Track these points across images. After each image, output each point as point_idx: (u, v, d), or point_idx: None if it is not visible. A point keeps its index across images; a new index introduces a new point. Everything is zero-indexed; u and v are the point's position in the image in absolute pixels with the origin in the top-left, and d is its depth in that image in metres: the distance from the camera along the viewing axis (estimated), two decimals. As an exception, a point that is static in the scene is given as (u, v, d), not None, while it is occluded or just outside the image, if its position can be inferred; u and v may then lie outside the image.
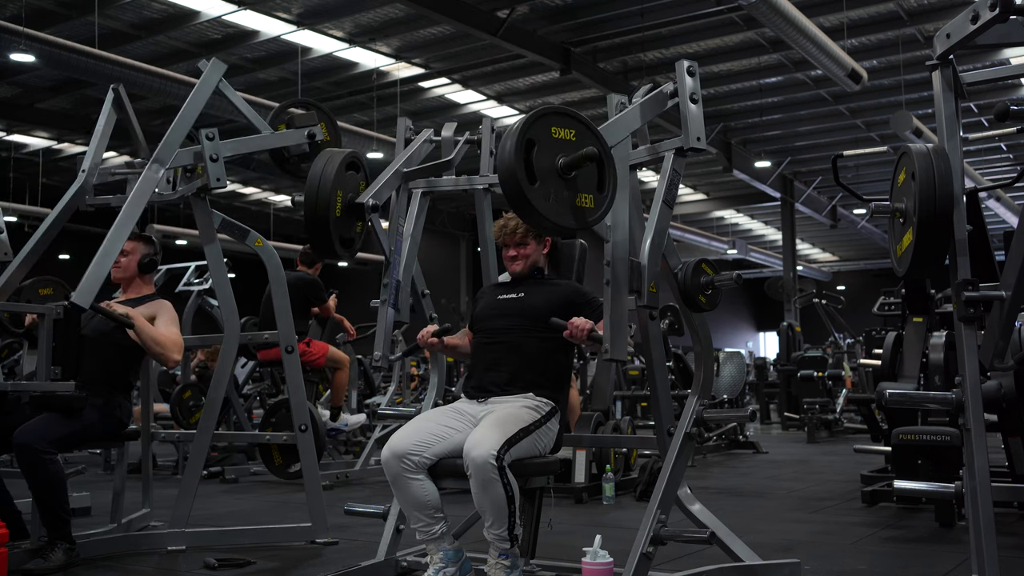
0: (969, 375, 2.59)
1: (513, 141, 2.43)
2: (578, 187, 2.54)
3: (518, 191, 2.42)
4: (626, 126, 2.84)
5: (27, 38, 9.91)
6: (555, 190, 2.49)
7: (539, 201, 2.45)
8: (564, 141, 2.54)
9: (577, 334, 2.81)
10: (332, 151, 3.28)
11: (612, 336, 2.66)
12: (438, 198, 18.91)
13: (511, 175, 2.41)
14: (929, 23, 12.29)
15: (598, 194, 2.58)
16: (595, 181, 2.58)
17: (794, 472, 7.08)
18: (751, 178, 18.88)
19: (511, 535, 2.77)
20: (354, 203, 3.20)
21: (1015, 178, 3.96)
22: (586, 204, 2.56)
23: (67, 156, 17.78)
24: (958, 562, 3.57)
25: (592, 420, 5.56)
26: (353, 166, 3.30)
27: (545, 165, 2.48)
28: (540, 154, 2.47)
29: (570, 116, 2.58)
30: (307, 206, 3.14)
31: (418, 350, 3.36)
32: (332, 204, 3.14)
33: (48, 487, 3.47)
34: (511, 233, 3.22)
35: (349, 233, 3.28)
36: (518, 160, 2.41)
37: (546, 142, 2.50)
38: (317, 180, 3.15)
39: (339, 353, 6.87)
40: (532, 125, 2.49)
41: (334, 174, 3.15)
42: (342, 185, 3.20)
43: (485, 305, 3.30)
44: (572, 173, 2.52)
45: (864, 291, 24.76)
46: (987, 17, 2.43)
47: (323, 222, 3.13)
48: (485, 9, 11.48)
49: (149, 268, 4.15)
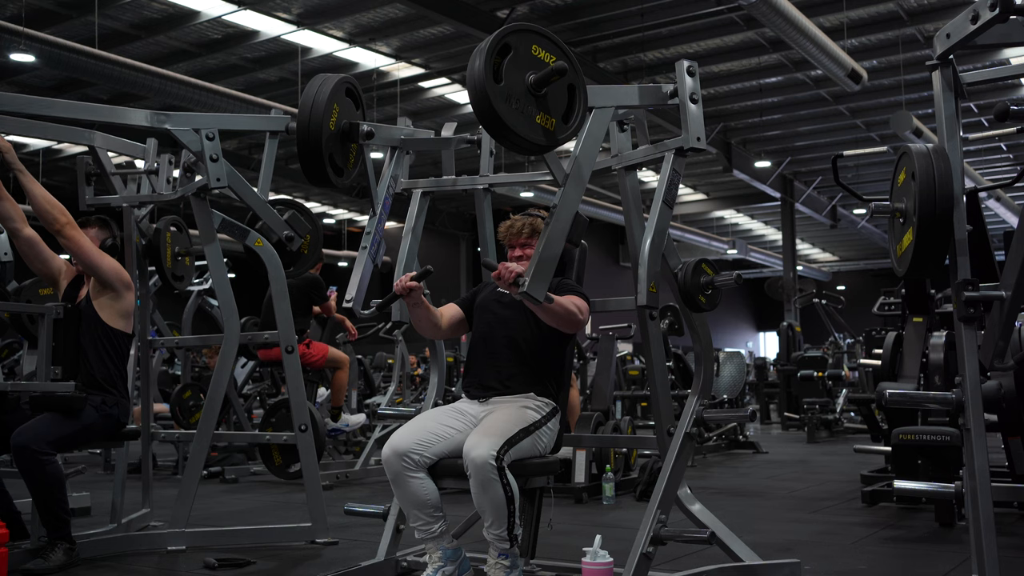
0: (969, 375, 2.59)
1: (489, 41, 2.41)
2: (547, 107, 2.50)
3: (482, 89, 2.38)
4: (616, 96, 2.82)
5: (27, 38, 9.91)
6: (521, 102, 2.46)
7: (503, 107, 2.41)
8: (542, 62, 2.51)
9: (504, 274, 2.68)
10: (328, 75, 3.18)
11: (534, 271, 2.59)
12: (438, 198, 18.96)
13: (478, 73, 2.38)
14: (929, 23, 12.29)
15: (562, 122, 2.55)
16: (564, 108, 2.56)
17: (794, 472, 7.08)
18: (751, 178, 18.88)
19: (511, 535, 2.77)
20: (350, 124, 3.11)
21: (1015, 178, 3.96)
22: (549, 126, 2.52)
23: (67, 156, 17.80)
24: (958, 562, 3.57)
25: (592, 420, 5.56)
26: (351, 93, 3.20)
27: (515, 76, 2.45)
28: (513, 64, 2.44)
29: (556, 44, 2.56)
30: (299, 121, 3.01)
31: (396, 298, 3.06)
32: (326, 119, 3.01)
33: (47, 488, 3.47)
34: (517, 233, 3.22)
35: (342, 158, 3.16)
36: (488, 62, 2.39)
37: (524, 55, 2.47)
38: (312, 94, 3.03)
39: (338, 353, 6.87)
40: (514, 33, 2.47)
41: (330, 91, 3.04)
42: (339, 103, 3.09)
43: (486, 296, 3.28)
44: (542, 90, 2.48)
45: (864, 291, 24.77)
46: (987, 17, 2.43)
47: (316, 137, 2.99)
48: (485, 9, 11.49)
49: (111, 253, 3.95)
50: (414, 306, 3.04)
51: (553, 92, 2.53)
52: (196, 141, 3.82)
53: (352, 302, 3.12)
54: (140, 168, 4.39)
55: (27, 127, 3.99)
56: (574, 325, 2.95)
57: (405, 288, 2.94)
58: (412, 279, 2.94)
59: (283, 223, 4.19)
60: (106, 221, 4.03)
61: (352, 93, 3.21)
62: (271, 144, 4.13)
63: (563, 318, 2.87)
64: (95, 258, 3.75)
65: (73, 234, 3.71)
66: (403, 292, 2.95)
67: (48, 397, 3.53)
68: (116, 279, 3.78)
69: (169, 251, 4.52)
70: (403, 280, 2.95)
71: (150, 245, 4.44)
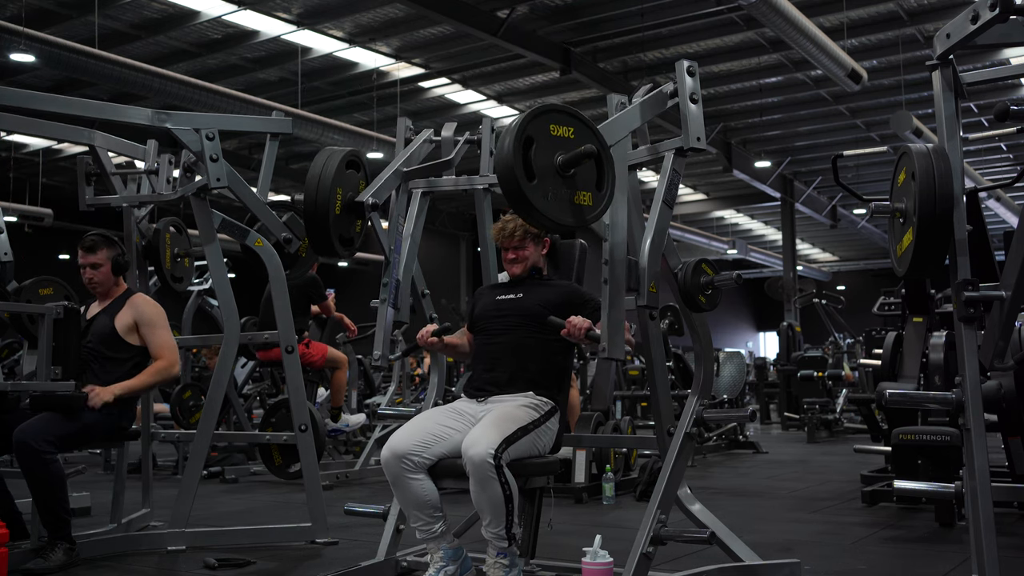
0: (969, 375, 2.59)
1: (511, 138, 2.42)
2: (577, 185, 2.53)
3: (516, 189, 2.42)
4: (625, 125, 2.84)
5: (27, 38, 9.90)
6: (553, 188, 2.48)
7: (537, 199, 2.44)
8: (562, 139, 2.53)
9: (575, 333, 2.80)
10: (332, 149, 3.27)
11: (610, 335, 2.67)
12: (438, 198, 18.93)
13: (509, 172, 2.41)
14: (929, 23, 12.29)
15: (596, 192, 2.58)
16: (594, 179, 2.58)
17: (794, 472, 7.08)
18: (751, 178, 18.88)
19: (509, 534, 2.77)
20: (354, 201, 3.18)
21: (1015, 178, 3.96)
22: (585, 202, 2.55)
23: (67, 156, 17.80)
24: (958, 562, 3.57)
25: (592, 420, 5.56)
26: (353, 164, 3.30)
27: (543, 163, 2.47)
28: (538, 152, 2.47)
29: (569, 114, 2.57)
30: (306, 204, 3.13)
31: (417, 349, 3.33)
32: (332, 202, 3.13)
33: (48, 487, 3.47)
34: (509, 236, 3.22)
35: (349, 232, 3.27)
36: (516, 157, 2.41)
37: (544, 140, 2.49)
38: (317, 178, 3.14)
39: (338, 353, 6.87)
40: (531, 122, 2.48)
41: (334, 172, 3.15)
42: (342, 183, 3.19)
43: (484, 305, 3.30)
44: (571, 171, 2.51)
45: (864, 291, 24.76)
46: (987, 17, 2.43)
47: (323, 220, 3.12)
48: (485, 9, 11.48)
49: (124, 268, 4.03)
50: (440, 351, 3.36)
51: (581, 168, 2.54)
52: (196, 141, 3.82)
53: (379, 359, 3.26)
54: (140, 168, 4.38)
55: (27, 125, 3.99)
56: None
57: (427, 344, 3.23)
58: (432, 335, 3.22)
59: (281, 225, 4.19)
60: (112, 240, 4.03)
61: (355, 164, 3.31)
62: (271, 145, 4.14)
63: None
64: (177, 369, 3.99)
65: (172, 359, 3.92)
66: (424, 346, 3.24)
67: (48, 397, 3.53)
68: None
69: (168, 252, 4.52)
70: (424, 336, 3.23)
71: (149, 246, 4.44)
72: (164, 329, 3.95)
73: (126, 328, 3.88)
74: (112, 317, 3.89)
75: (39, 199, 17.52)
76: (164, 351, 3.90)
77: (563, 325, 2.84)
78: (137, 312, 3.92)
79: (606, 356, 2.67)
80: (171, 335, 3.98)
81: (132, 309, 3.92)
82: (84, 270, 3.97)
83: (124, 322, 3.88)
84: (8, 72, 12.95)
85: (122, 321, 3.88)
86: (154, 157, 4.34)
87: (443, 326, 3.30)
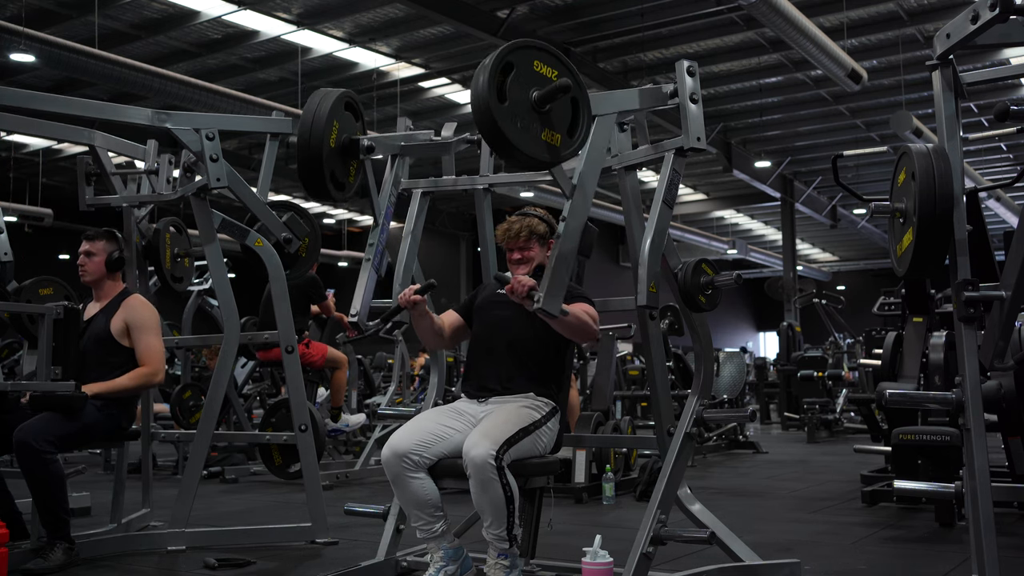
0: (969, 375, 2.59)
1: (491, 60, 2.41)
2: (550, 123, 2.50)
3: (487, 110, 2.38)
4: (617, 102, 2.82)
5: (27, 38, 9.91)
6: (524, 120, 2.46)
7: (507, 125, 2.41)
8: (544, 76, 2.50)
9: (517, 288, 2.69)
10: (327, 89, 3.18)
11: (547, 287, 2.60)
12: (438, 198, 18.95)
13: (483, 93, 2.38)
14: (929, 23, 12.29)
15: (567, 137, 2.55)
16: (567, 123, 2.55)
17: (794, 472, 7.08)
18: (751, 178, 18.88)
19: (510, 535, 2.77)
20: (351, 139, 3.11)
21: (1015, 178, 3.96)
22: (554, 142, 2.52)
23: (67, 156, 17.80)
24: (958, 562, 3.57)
25: (592, 420, 5.56)
26: (350, 107, 3.21)
27: (519, 94, 2.45)
28: (516, 81, 2.44)
29: (557, 57, 2.56)
30: (300, 135, 3.01)
31: (399, 312, 3.09)
32: (327, 135, 3.02)
33: (48, 487, 3.47)
34: (515, 236, 3.20)
35: (342, 173, 3.16)
36: (492, 80, 2.38)
37: (525, 72, 2.47)
38: (312, 112, 3.04)
39: (338, 353, 6.87)
40: (515, 51, 2.46)
41: (330, 107, 3.05)
42: (339, 118, 3.10)
43: (485, 298, 3.28)
44: (546, 107, 2.48)
45: (864, 291, 24.77)
46: (987, 17, 2.43)
47: (316, 154, 2.99)
48: (485, 9, 11.48)
49: (118, 265, 4.01)
50: (418, 317, 3.08)
51: (557, 107, 2.53)
52: (196, 141, 3.82)
53: (357, 316, 3.14)
54: (140, 168, 4.38)
55: (27, 125, 3.99)
56: (587, 335, 2.92)
57: (409, 302, 2.98)
58: (416, 292, 2.97)
59: (281, 225, 4.19)
60: (113, 235, 4.04)
61: (352, 107, 3.21)
62: (271, 145, 4.13)
63: (577, 329, 2.86)
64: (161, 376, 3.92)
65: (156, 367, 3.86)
66: (407, 305, 2.99)
67: (48, 397, 3.53)
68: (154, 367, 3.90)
69: (168, 252, 4.52)
70: (407, 294, 2.99)
71: (149, 246, 4.44)
72: (153, 334, 3.90)
73: (120, 331, 3.86)
74: (108, 319, 3.88)
75: (39, 199, 17.53)
76: (149, 357, 3.85)
77: (508, 280, 2.75)
78: (129, 314, 3.89)
79: (539, 307, 2.60)
80: (160, 341, 3.93)
81: (125, 311, 3.90)
82: (79, 257, 3.98)
83: (118, 324, 3.86)
84: (8, 72, 12.95)
85: (116, 323, 3.86)
86: (154, 157, 4.34)
87: (428, 283, 3.04)
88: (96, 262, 3.96)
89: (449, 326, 3.26)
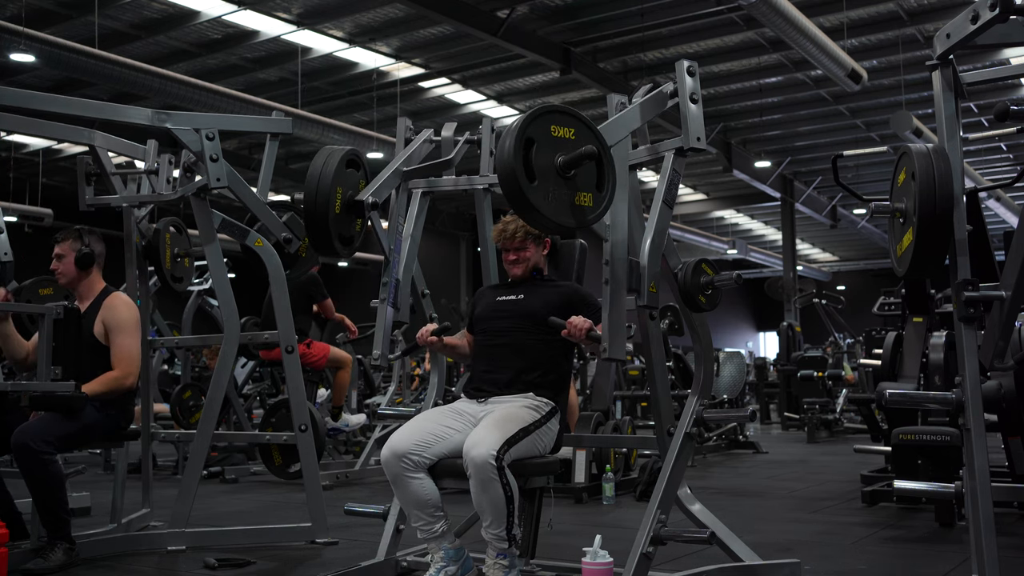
0: (969, 375, 2.59)
1: (512, 139, 2.42)
2: (577, 186, 2.53)
3: (517, 190, 2.41)
4: (625, 125, 2.84)
5: (27, 38, 9.90)
6: (554, 189, 2.48)
7: (538, 200, 2.44)
8: (563, 139, 2.53)
9: (576, 333, 2.80)
10: (332, 148, 3.27)
11: (611, 335, 2.66)
12: (438, 198, 18.93)
13: (511, 174, 2.41)
14: (929, 23, 12.28)
15: (597, 193, 2.57)
16: (594, 180, 2.57)
17: (794, 472, 7.08)
18: (751, 178, 18.87)
19: (509, 535, 2.77)
20: (354, 200, 3.17)
21: (1015, 178, 3.96)
22: (585, 203, 2.55)
23: (67, 156, 17.80)
24: (958, 562, 3.57)
25: (592, 420, 5.56)
26: (353, 163, 3.28)
27: (544, 163, 2.47)
28: (539, 152, 2.47)
29: (569, 115, 2.57)
30: (306, 203, 3.11)
31: (417, 349, 3.31)
32: (332, 201, 3.12)
33: (47, 487, 3.47)
34: (510, 237, 3.22)
35: (349, 231, 3.26)
36: (517, 158, 2.41)
37: (545, 140, 2.49)
38: (317, 177, 3.12)
39: (341, 353, 6.87)
40: (531, 123, 2.48)
41: (334, 171, 3.13)
42: (342, 182, 3.18)
43: (485, 306, 3.30)
44: (571, 172, 2.51)
45: (864, 291, 24.75)
46: (987, 17, 2.43)
47: (322, 219, 3.10)
48: (485, 9, 11.48)
49: (87, 261, 3.89)
50: (440, 351, 3.35)
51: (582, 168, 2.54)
52: (196, 141, 3.82)
53: (379, 359, 3.22)
54: (140, 168, 4.38)
55: (28, 125, 3.99)
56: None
57: (426, 343, 3.22)
58: (432, 334, 3.21)
59: (281, 225, 4.19)
60: (78, 232, 3.94)
61: (355, 163, 3.29)
62: (271, 145, 4.13)
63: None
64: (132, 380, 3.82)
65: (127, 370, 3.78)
66: (424, 344, 3.23)
67: (48, 397, 3.52)
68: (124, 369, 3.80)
69: (168, 252, 4.52)
70: (424, 335, 3.22)
71: (149, 246, 4.44)
72: (129, 335, 3.82)
73: (101, 332, 3.83)
74: (91, 320, 3.83)
75: (39, 199, 17.52)
76: (121, 360, 3.76)
77: (564, 325, 2.84)
78: (107, 314, 3.83)
79: (607, 357, 2.66)
80: (136, 342, 3.84)
81: (104, 311, 3.84)
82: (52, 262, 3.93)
83: (99, 326, 3.83)
84: (8, 72, 12.95)
85: (97, 324, 3.83)
86: (154, 157, 4.34)
87: (443, 325, 3.29)
88: (66, 263, 3.89)
89: (471, 345, 3.36)
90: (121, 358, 3.78)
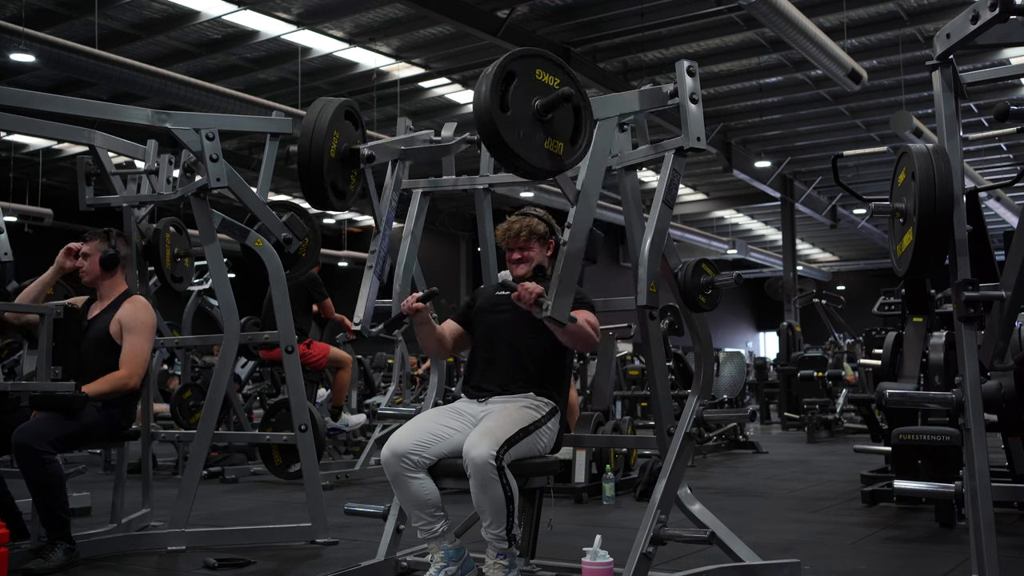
0: (969, 375, 2.59)
1: (493, 69, 2.41)
2: (552, 130, 2.50)
3: (489, 120, 2.39)
4: (618, 105, 2.82)
5: (27, 38, 9.90)
6: (527, 128, 2.46)
7: (508, 133, 2.42)
8: (546, 85, 2.51)
9: (525, 296, 2.67)
10: (328, 99, 3.17)
11: (555, 296, 2.60)
12: (438, 198, 18.95)
13: (484, 102, 2.38)
14: (929, 23, 12.29)
15: (570, 145, 2.56)
16: (570, 130, 2.56)
17: (794, 472, 7.08)
18: (751, 178, 18.88)
19: (509, 535, 2.77)
20: (350, 149, 3.11)
21: (1015, 178, 3.96)
22: (557, 150, 2.52)
23: (67, 156, 17.79)
24: (958, 562, 3.57)
25: (592, 420, 5.56)
26: (350, 116, 3.20)
27: (520, 102, 2.45)
28: (517, 88, 2.44)
29: (558, 65, 2.56)
30: (300, 146, 3.01)
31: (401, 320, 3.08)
32: (327, 146, 3.01)
33: (47, 487, 3.47)
34: (515, 236, 3.21)
35: (343, 183, 3.16)
36: (494, 90, 2.39)
37: (527, 80, 2.47)
38: (312, 122, 3.03)
39: (341, 353, 6.87)
40: (516, 60, 2.46)
41: (330, 117, 3.04)
42: (339, 128, 3.10)
43: (484, 300, 3.29)
44: (548, 115, 2.49)
45: (864, 291, 24.76)
46: (987, 17, 2.43)
47: (317, 165, 2.99)
48: (485, 9, 11.48)
49: (111, 263, 3.96)
50: (420, 325, 3.09)
51: (559, 115, 2.54)
52: (196, 141, 3.82)
53: (360, 324, 3.14)
54: (140, 168, 4.39)
55: (28, 125, 3.99)
56: (587, 345, 2.95)
57: (412, 309, 2.98)
58: (418, 300, 2.98)
59: (281, 225, 4.18)
60: (106, 234, 4.01)
61: (352, 116, 3.21)
62: (271, 145, 4.13)
63: (578, 339, 2.86)
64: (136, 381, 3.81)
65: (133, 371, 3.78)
66: (409, 313, 2.99)
67: (48, 397, 3.53)
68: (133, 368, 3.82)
69: (168, 252, 4.52)
70: (409, 301, 2.99)
71: (149, 246, 4.44)
72: (140, 337, 3.84)
73: (117, 331, 3.85)
74: (108, 319, 3.87)
75: (39, 199, 17.53)
76: (129, 360, 3.79)
77: (515, 288, 2.73)
78: (124, 313, 3.87)
79: (547, 315, 2.60)
80: (147, 345, 3.86)
81: (122, 311, 3.88)
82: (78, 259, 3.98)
83: (115, 325, 3.85)
84: (8, 72, 12.96)
85: (114, 324, 3.85)
86: (154, 157, 4.34)
87: (429, 291, 3.09)
88: (92, 262, 3.95)
89: (450, 334, 3.27)
90: (129, 358, 3.80)
